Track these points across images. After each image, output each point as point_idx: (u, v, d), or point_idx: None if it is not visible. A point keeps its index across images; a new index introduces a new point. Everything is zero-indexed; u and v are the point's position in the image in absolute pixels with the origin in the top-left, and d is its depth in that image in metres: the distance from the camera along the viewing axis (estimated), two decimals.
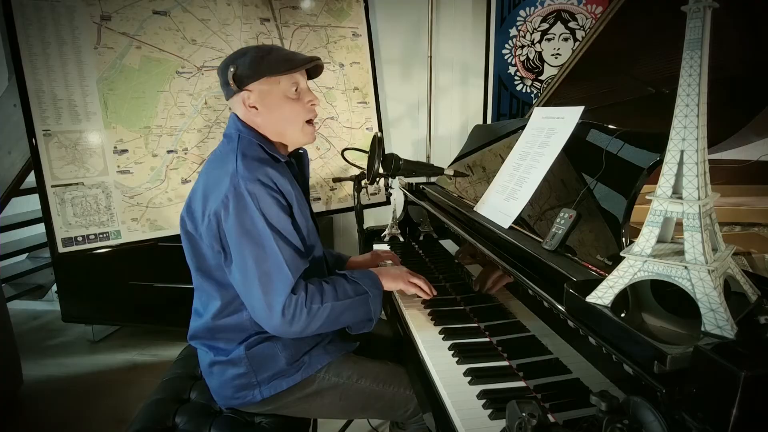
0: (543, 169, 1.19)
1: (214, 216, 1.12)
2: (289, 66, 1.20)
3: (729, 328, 0.64)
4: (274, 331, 1.13)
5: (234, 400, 1.23)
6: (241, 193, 1.10)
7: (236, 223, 1.10)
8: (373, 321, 1.24)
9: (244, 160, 1.14)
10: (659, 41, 1.51)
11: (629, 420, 0.62)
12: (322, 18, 2.61)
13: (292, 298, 1.10)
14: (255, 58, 1.18)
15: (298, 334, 1.14)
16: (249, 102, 1.20)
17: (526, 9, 2.70)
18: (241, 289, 1.15)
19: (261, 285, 1.10)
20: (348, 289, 1.18)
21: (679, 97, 0.67)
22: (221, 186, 1.12)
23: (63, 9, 2.02)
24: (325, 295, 1.14)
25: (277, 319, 1.09)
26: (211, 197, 1.14)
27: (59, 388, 2.41)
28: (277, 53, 1.22)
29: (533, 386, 0.98)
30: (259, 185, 1.11)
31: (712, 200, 0.70)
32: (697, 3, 0.64)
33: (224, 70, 1.20)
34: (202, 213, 1.16)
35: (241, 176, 1.11)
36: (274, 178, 1.14)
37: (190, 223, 1.20)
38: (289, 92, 1.22)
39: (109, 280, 2.59)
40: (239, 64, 1.18)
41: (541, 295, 0.93)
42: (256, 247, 1.10)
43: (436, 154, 2.84)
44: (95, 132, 2.09)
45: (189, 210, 1.21)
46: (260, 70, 1.18)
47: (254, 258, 1.10)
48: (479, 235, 1.25)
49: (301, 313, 1.10)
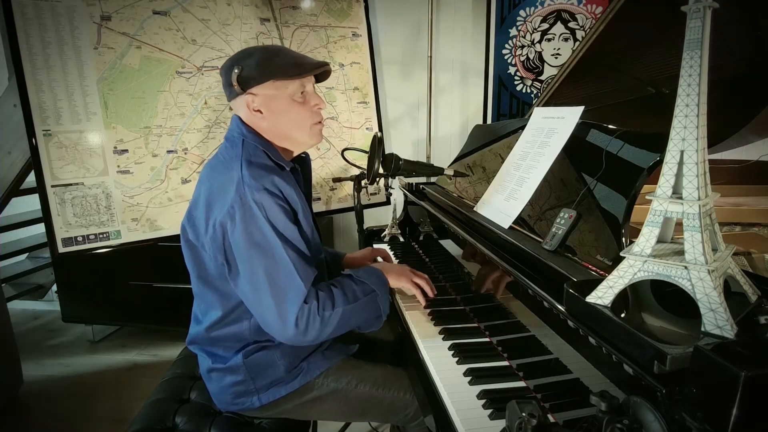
0: (543, 169, 1.19)
1: (219, 226, 1.08)
2: (298, 71, 1.16)
3: (729, 328, 0.64)
4: (288, 341, 1.11)
5: (233, 406, 1.23)
6: (248, 203, 1.06)
7: (244, 235, 1.07)
8: (382, 318, 1.22)
9: (250, 168, 1.10)
10: (659, 41, 1.51)
11: (629, 420, 0.62)
12: (322, 18, 2.61)
13: (305, 308, 1.07)
14: (262, 61, 1.14)
15: (312, 342, 1.12)
16: (253, 106, 1.16)
17: (526, 9, 2.70)
18: (250, 301, 1.11)
19: (273, 297, 1.07)
20: (357, 291, 1.16)
21: (679, 97, 0.67)
22: (226, 195, 1.08)
23: (63, 9, 2.02)
24: (336, 300, 1.12)
25: (291, 330, 1.07)
26: (216, 206, 1.10)
27: (59, 388, 2.41)
28: (285, 56, 1.17)
29: (533, 386, 0.98)
30: (266, 194, 1.07)
31: (712, 200, 0.70)
32: (697, 3, 0.64)
33: (228, 71, 1.15)
34: (206, 222, 1.11)
35: (248, 185, 1.07)
36: (281, 187, 1.11)
37: (192, 232, 1.16)
38: (296, 96, 1.17)
39: (109, 280, 2.59)
40: (244, 65, 1.13)
41: (541, 295, 0.93)
42: (267, 258, 1.07)
43: (436, 154, 2.84)
44: (95, 132, 2.09)
45: (190, 218, 1.17)
46: (267, 73, 1.14)
47: (265, 269, 1.07)
48: (479, 235, 1.25)
49: (314, 321, 1.08)
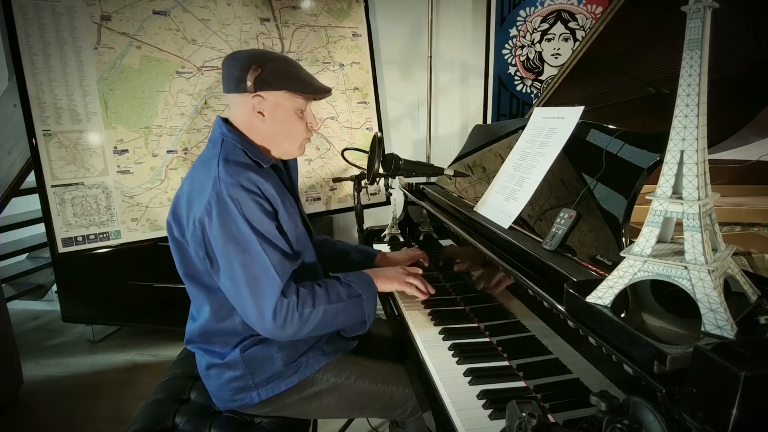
0: (543, 169, 1.19)
1: (198, 223, 1.12)
2: (312, 90, 1.22)
3: (729, 328, 0.64)
4: (267, 334, 1.13)
5: (232, 403, 1.23)
6: (224, 199, 1.09)
7: (220, 230, 1.09)
8: (367, 323, 1.24)
9: (227, 166, 1.13)
10: (659, 41, 1.52)
11: (629, 420, 0.62)
12: (322, 18, 2.61)
13: (283, 302, 1.09)
14: (282, 70, 1.18)
15: (291, 338, 1.14)
16: (258, 108, 1.18)
17: (526, 9, 2.70)
18: (231, 295, 1.14)
19: (250, 290, 1.09)
20: (341, 292, 1.18)
21: (679, 97, 0.67)
22: (204, 192, 1.11)
23: (63, 9, 2.02)
24: (317, 299, 1.14)
25: (268, 323, 1.09)
26: (195, 203, 1.13)
27: (59, 388, 2.41)
28: (302, 72, 1.23)
29: (533, 386, 0.98)
30: (242, 190, 1.10)
31: (712, 200, 0.70)
32: (697, 3, 0.64)
33: (243, 67, 1.15)
34: (187, 219, 1.15)
35: (223, 181, 1.10)
36: (258, 183, 1.13)
37: (177, 229, 1.19)
38: (299, 111, 1.23)
39: (109, 280, 2.59)
40: (266, 68, 1.16)
41: (541, 295, 0.93)
42: (242, 252, 1.09)
43: (436, 154, 2.84)
44: (95, 132, 2.09)
45: (175, 215, 1.20)
46: (286, 82, 1.18)
47: (241, 264, 1.09)
48: (479, 235, 1.25)
49: (292, 317, 1.10)
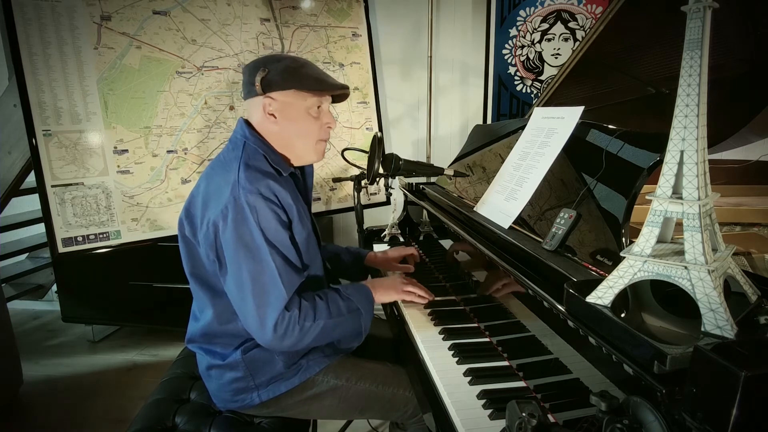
0: (543, 169, 1.19)
1: (212, 225, 1.11)
2: (321, 86, 1.20)
3: (729, 328, 0.64)
4: (264, 344, 1.13)
5: (233, 403, 1.23)
6: (241, 205, 1.08)
7: (234, 235, 1.09)
8: (362, 336, 1.24)
9: (247, 171, 1.12)
10: (659, 41, 1.51)
11: (629, 420, 0.62)
12: (322, 18, 2.61)
13: (286, 315, 1.09)
14: (289, 68, 1.17)
15: (288, 349, 1.14)
16: (269, 109, 1.19)
17: (526, 9, 2.70)
18: (235, 300, 1.14)
19: (255, 299, 1.09)
20: (341, 306, 1.18)
21: (679, 97, 0.67)
22: (221, 195, 1.11)
23: (63, 9, 2.02)
24: (318, 313, 1.13)
25: (268, 334, 1.09)
26: (211, 205, 1.12)
27: (59, 388, 2.41)
28: (311, 69, 1.21)
29: (533, 386, 0.98)
30: (260, 198, 1.10)
31: (712, 200, 0.70)
32: (697, 3, 0.64)
33: (252, 71, 1.18)
34: (201, 220, 1.14)
35: (242, 187, 1.09)
36: (276, 191, 1.12)
37: (189, 228, 1.19)
38: (312, 110, 1.21)
39: (109, 280, 2.59)
40: (271, 69, 1.16)
41: (541, 295, 0.93)
42: (253, 260, 1.09)
43: (436, 154, 2.84)
44: (95, 132, 2.09)
45: (188, 214, 1.19)
46: (292, 81, 1.17)
47: (250, 271, 1.09)
48: (479, 235, 1.25)
49: (293, 330, 1.10)
